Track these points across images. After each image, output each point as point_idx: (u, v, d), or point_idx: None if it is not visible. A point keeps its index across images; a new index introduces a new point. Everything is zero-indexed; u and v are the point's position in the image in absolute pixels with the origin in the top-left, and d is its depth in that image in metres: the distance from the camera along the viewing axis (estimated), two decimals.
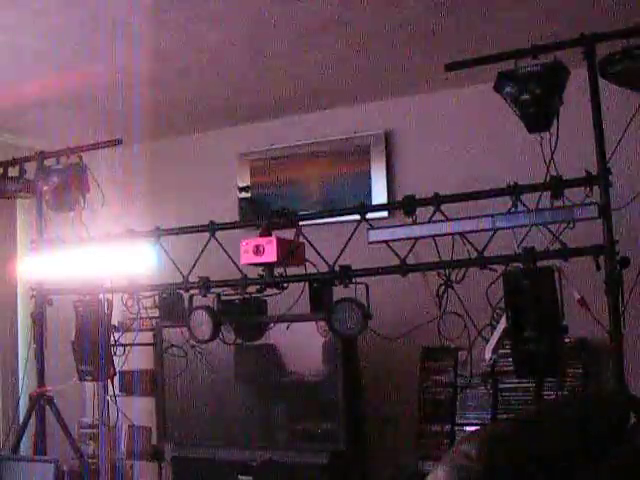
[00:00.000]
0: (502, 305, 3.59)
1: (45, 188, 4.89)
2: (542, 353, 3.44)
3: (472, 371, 4.63)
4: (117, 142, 4.97)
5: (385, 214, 4.97)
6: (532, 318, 3.48)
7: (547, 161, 3.56)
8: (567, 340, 3.92)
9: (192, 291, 4.37)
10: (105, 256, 4.61)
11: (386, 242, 3.88)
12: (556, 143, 3.54)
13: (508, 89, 3.58)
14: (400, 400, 5.11)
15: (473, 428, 4.50)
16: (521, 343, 3.49)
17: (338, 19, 4.05)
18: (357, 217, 4.06)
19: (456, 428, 4.81)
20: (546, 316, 3.45)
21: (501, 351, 3.92)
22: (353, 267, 4.00)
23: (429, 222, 3.80)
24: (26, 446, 5.19)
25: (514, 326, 3.50)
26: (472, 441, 2.06)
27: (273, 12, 3.94)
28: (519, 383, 4.54)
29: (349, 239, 3.98)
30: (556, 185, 3.56)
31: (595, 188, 3.50)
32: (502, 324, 3.61)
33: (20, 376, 5.63)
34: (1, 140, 5.81)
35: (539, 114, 3.54)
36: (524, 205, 3.61)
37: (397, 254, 3.87)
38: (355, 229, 3.98)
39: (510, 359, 3.80)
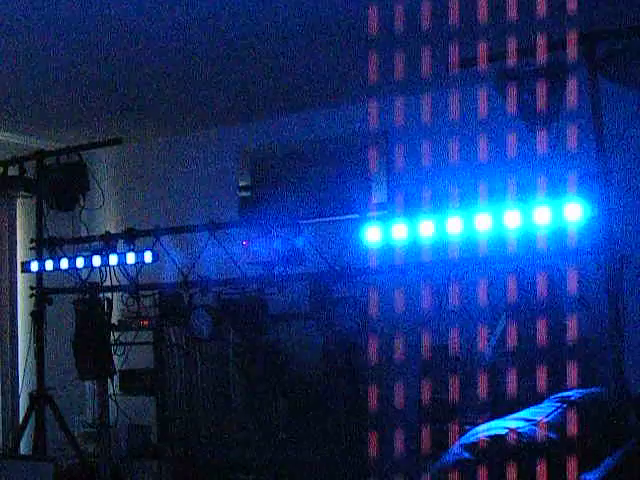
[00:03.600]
0: (502, 304, 3.60)
1: (45, 187, 4.90)
2: (540, 352, 3.44)
3: (472, 370, 4.63)
4: (117, 142, 4.97)
5: (385, 214, 4.96)
6: (532, 317, 3.48)
7: (547, 161, 3.56)
8: (567, 340, 3.92)
9: (192, 290, 4.37)
10: (105, 255, 4.61)
11: (386, 242, 3.88)
12: (556, 142, 3.54)
13: (508, 89, 3.58)
14: (400, 399, 5.11)
15: (473, 427, 4.49)
16: (521, 342, 3.49)
17: (337, 19, 4.05)
18: (357, 217, 4.06)
19: (456, 427, 4.81)
20: (546, 315, 3.45)
21: (501, 350, 3.91)
22: (353, 266, 4.00)
23: (429, 222, 3.80)
24: (26, 445, 5.19)
25: (514, 325, 3.50)
26: (472, 441, 2.06)
27: (273, 12, 3.94)
28: (519, 382, 4.54)
29: (349, 239, 3.98)
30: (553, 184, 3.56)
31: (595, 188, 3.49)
32: (502, 323, 3.61)
33: (20, 375, 5.63)
34: (1, 139, 5.81)
35: (539, 113, 3.54)
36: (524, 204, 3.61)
37: (397, 254, 3.87)
38: (355, 229, 3.98)
39: (510, 358, 3.80)
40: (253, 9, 3.91)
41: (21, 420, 5.14)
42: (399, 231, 3.87)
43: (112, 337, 4.86)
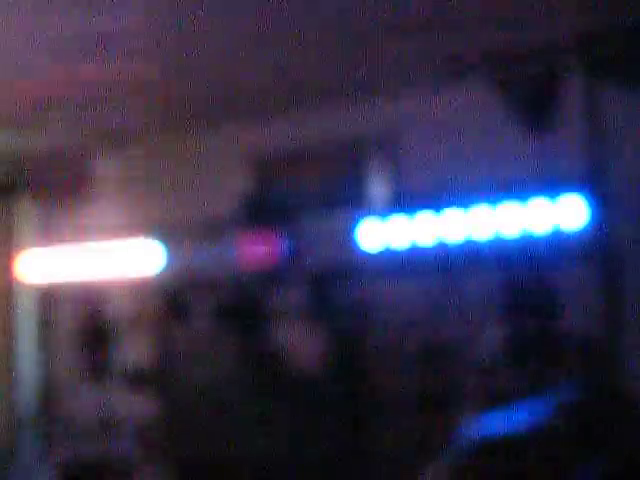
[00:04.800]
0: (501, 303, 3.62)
1: (46, 187, 4.92)
2: (541, 352, 3.46)
3: (470, 368, 4.64)
4: (117, 142, 4.99)
5: (385, 214, 4.97)
6: (531, 317, 3.50)
7: (545, 161, 3.58)
8: (564, 339, 3.94)
9: (193, 290, 4.40)
10: (106, 255, 4.64)
11: (386, 241, 3.90)
12: (554, 143, 3.56)
13: (507, 90, 3.61)
14: (400, 399, 5.12)
15: (472, 427, 4.52)
16: (521, 342, 3.51)
17: (338, 19, 4.07)
18: (357, 217, 4.07)
19: (454, 425, 4.82)
20: (543, 315, 3.47)
21: (498, 348, 3.93)
22: (353, 267, 4.02)
23: (428, 222, 3.82)
24: (27, 445, 5.21)
25: (513, 325, 3.53)
26: (471, 441, 2.08)
27: (274, 12, 3.95)
28: (516, 381, 4.55)
29: (349, 239, 4.00)
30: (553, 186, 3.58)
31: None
32: (500, 322, 3.63)
33: (22, 376, 5.66)
34: (2, 140, 5.82)
35: (537, 114, 3.57)
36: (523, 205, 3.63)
37: (396, 254, 3.89)
38: (355, 229, 4.00)
39: (510, 357, 3.82)
40: (253, 9, 3.93)
41: (24, 419, 5.16)
42: (399, 231, 3.89)
43: (113, 337, 4.88)
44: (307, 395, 4.89)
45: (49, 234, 5.04)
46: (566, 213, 3.57)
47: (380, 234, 3.96)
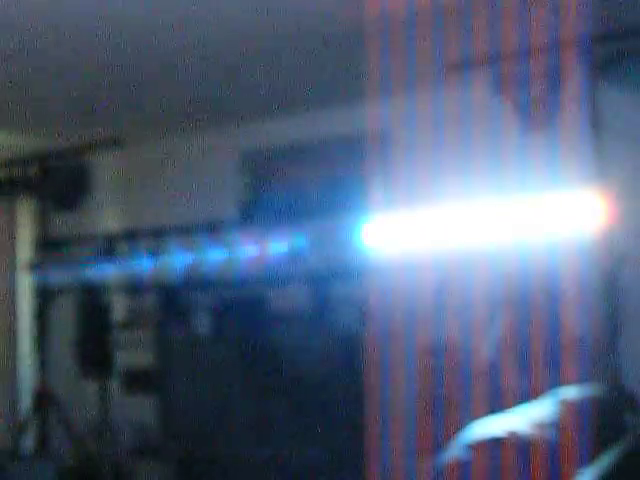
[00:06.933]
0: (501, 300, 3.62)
1: (47, 188, 4.92)
2: (538, 349, 3.46)
3: (471, 366, 4.64)
4: (118, 143, 4.99)
5: (384, 214, 4.97)
6: (529, 314, 3.50)
7: (545, 161, 3.58)
8: (565, 337, 3.94)
9: (193, 290, 4.40)
10: (106, 255, 4.64)
11: (385, 241, 3.90)
12: (555, 143, 3.56)
13: (507, 89, 3.61)
14: (400, 398, 5.12)
15: (472, 425, 4.51)
16: (519, 338, 3.52)
17: (337, 18, 4.07)
18: (357, 217, 4.07)
19: (455, 423, 4.82)
20: (543, 312, 3.47)
21: (499, 345, 3.93)
22: (352, 266, 4.02)
23: (426, 221, 3.82)
24: (27, 445, 5.21)
25: (512, 321, 3.53)
26: (471, 441, 2.08)
27: (275, 12, 3.95)
28: (517, 378, 4.55)
29: (349, 239, 4.00)
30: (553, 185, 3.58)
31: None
32: (500, 321, 3.63)
33: (21, 375, 5.66)
34: (2, 140, 5.82)
35: (537, 114, 3.57)
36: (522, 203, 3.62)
37: (396, 253, 3.89)
38: (355, 229, 4.00)
39: (508, 354, 3.82)
40: (252, 9, 3.93)
41: (23, 420, 5.16)
42: (398, 230, 3.89)
43: (113, 336, 4.88)
44: (308, 395, 4.89)
45: (52, 235, 5.03)
46: (566, 211, 3.56)
47: (381, 234, 3.95)
